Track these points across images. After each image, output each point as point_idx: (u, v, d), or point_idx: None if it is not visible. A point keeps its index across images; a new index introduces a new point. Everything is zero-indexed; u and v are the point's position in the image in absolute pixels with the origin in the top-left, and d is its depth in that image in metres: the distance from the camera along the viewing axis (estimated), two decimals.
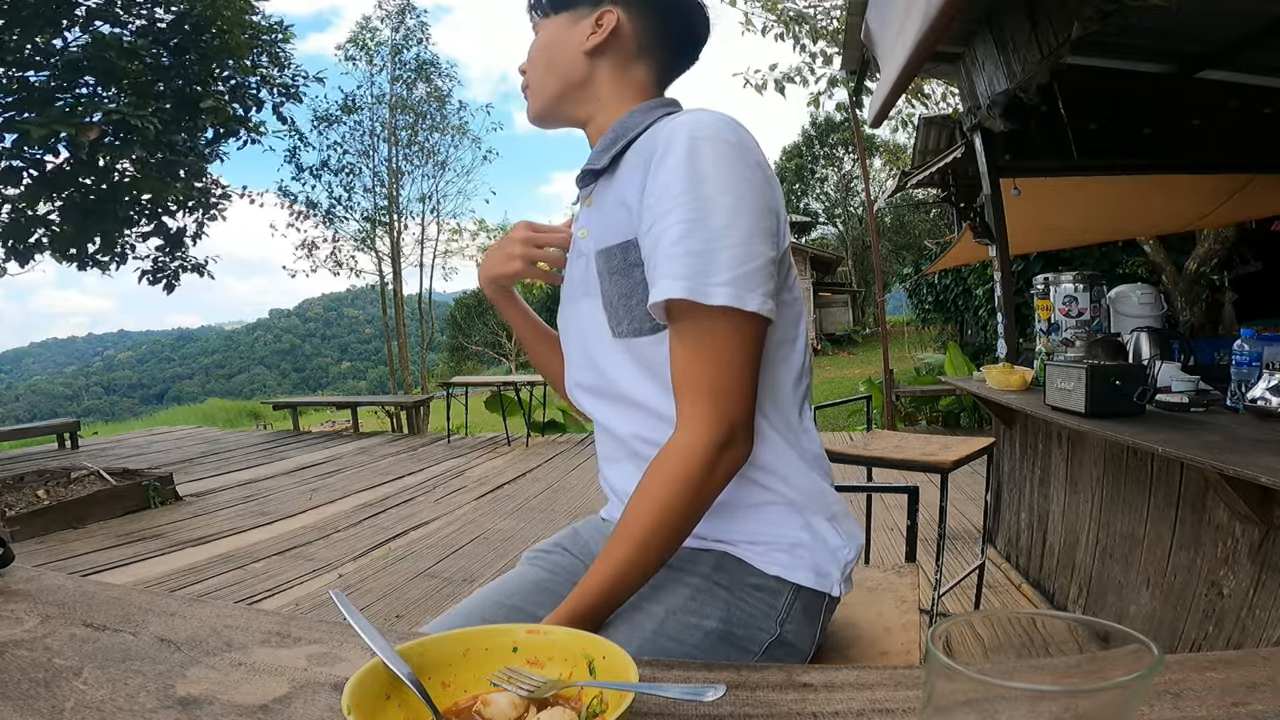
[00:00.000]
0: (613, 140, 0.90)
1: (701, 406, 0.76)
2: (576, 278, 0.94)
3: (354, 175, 16.52)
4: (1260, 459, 1.32)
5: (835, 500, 0.90)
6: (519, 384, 8.26)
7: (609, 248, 0.86)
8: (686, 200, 0.76)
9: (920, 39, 2.11)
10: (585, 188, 0.95)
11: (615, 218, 0.86)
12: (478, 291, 19.37)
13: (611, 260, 0.86)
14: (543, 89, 0.97)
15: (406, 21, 16.82)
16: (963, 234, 4.52)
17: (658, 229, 0.78)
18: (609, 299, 0.87)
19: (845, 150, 19.86)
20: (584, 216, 0.94)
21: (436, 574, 3.59)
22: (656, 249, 0.78)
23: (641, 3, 0.93)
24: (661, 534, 0.77)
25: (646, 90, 0.95)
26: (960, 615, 0.41)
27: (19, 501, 4.70)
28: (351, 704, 0.49)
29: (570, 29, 0.94)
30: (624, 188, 0.86)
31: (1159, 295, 2.77)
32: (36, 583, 0.83)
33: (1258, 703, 0.51)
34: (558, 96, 0.96)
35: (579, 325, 0.94)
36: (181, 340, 76.93)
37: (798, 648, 0.86)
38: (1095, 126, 3.29)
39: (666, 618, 0.80)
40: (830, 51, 5.91)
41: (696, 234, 0.75)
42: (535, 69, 0.97)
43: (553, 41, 0.95)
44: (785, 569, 0.85)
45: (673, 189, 0.77)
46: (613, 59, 0.94)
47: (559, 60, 0.95)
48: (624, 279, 0.85)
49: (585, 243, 0.91)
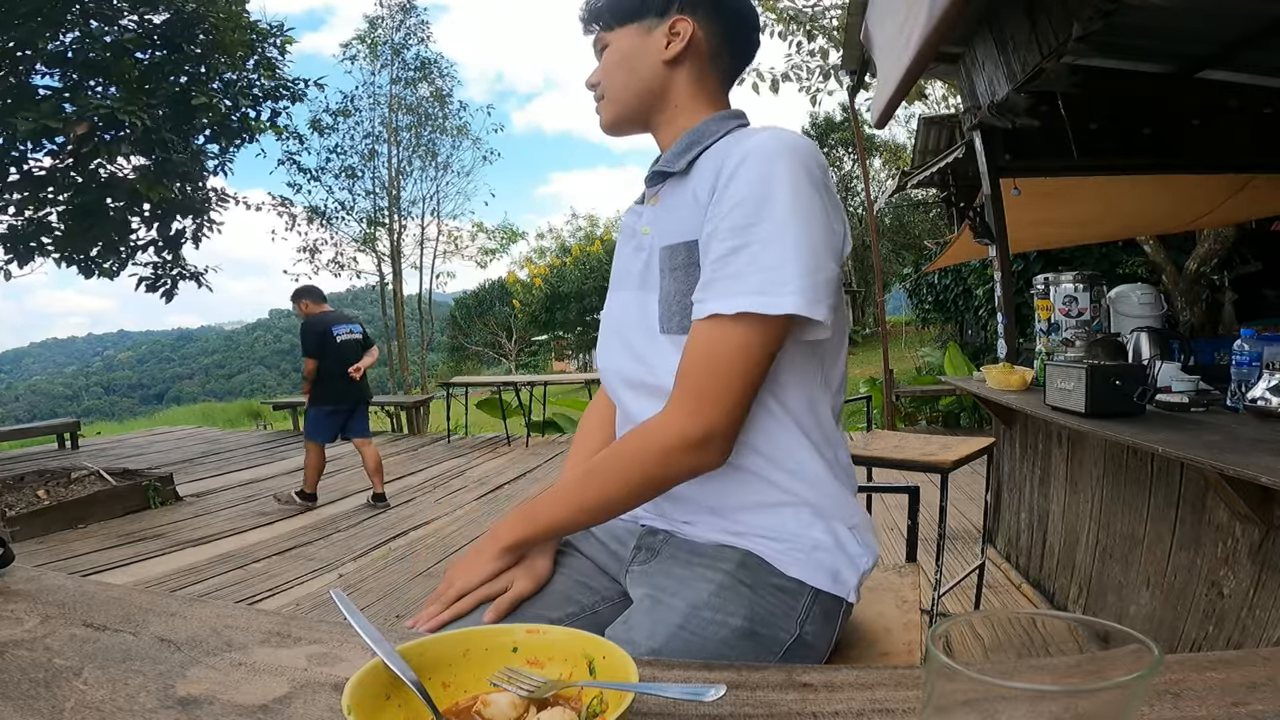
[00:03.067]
0: (688, 145, 0.93)
1: (689, 401, 0.80)
2: (635, 271, 0.96)
3: (355, 178, 16.52)
4: (1260, 459, 1.32)
5: (858, 510, 0.93)
6: (519, 384, 8.25)
7: (674, 245, 0.89)
8: (759, 215, 0.79)
9: (924, 40, 2.11)
10: (653, 187, 0.98)
11: (683, 217, 0.89)
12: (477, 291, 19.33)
13: (675, 257, 0.89)
14: (622, 99, 0.98)
15: (407, 21, 16.82)
16: (961, 232, 4.52)
17: (724, 240, 0.81)
18: (667, 295, 0.90)
19: (845, 150, 19.85)
20: (648, 214, 0.97)
21: (436, 574, 3.59)
22: (721, 259, 0.81)
23: (710, 11, 0.96)
24: (601, 487, 0.85)
25: (718, 97, 0.98)
26: (960, 615, 0.41)
27: (19, 501, 4.71)
28: (351, 704, 0.49)
29: (644, 39, 0.95)
30: (695, 190, 0.88)
31: (1159, 295, 2.77)
32: (36, 583, 0.83)
33: (1258, 703, 0.51)
34: (638, 106, 0.98)
35: (626, 316, 0.97)
36: (181, 340, 76.87)
37: (816, 649, 0.87)
38: (1095, 126, 3.29)
39: (691, 613, 0.81)
40: (829, 49, 5.91)
41: (769, 251, 0.78)
42: (614, 80, 0.98)
43: (631, 52, 0.96)
44: (805, 572, 0.86)
45: (746, 204, 0.80)
46: (689, 67, 0.96)
47: (640, 70, 0.96)
48: (684, 276, 0.88)
49: (648, 239, 0.95)
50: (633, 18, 0.96)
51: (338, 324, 4.84)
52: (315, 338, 4.76)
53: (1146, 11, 2.29)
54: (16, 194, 6.68)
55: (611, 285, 1.03)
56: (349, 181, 16.45)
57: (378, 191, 16.90)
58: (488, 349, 19.58)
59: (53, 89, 6.57)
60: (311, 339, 4.78)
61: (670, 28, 0.94)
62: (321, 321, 4.82)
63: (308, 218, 16.17)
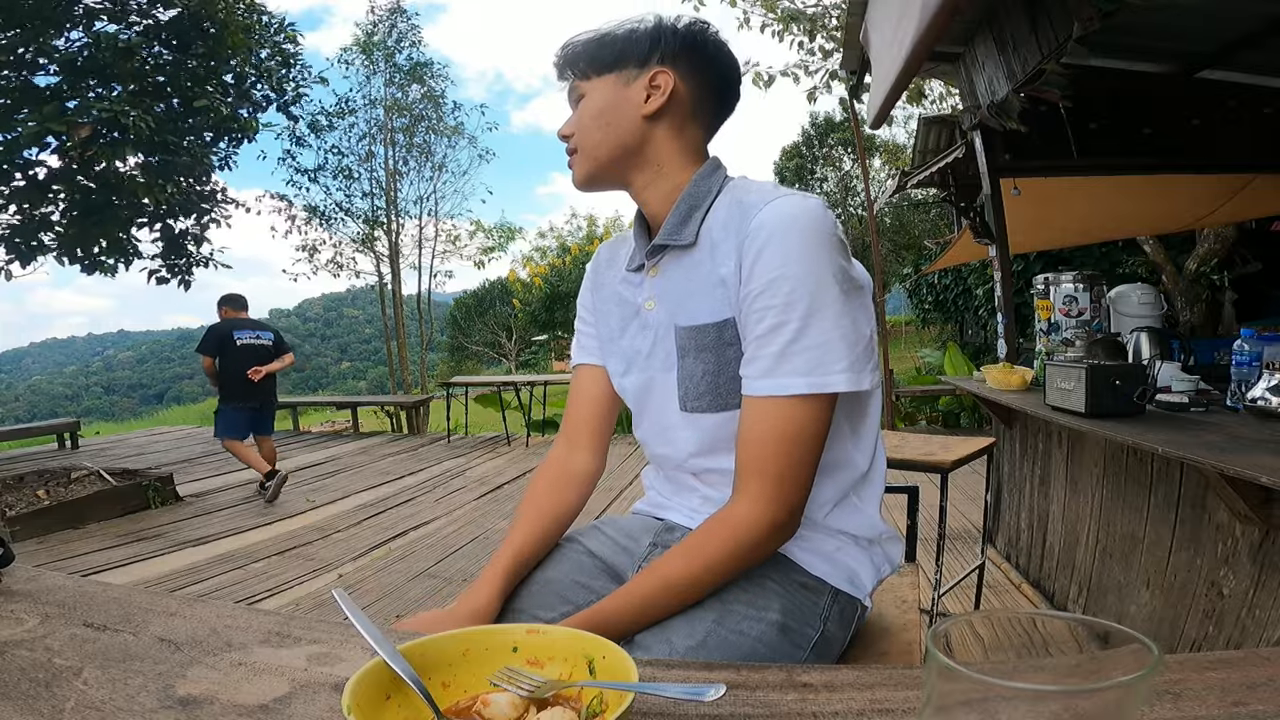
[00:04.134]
0: (688, 212, 0.89)
1: (768, 487, 0.79)
2: (642, 350, 0.94)
3: (352, 179, 16.53)
4: (1260, 459, 1.32)
5: (884, 525, 0.96)
6: (519, 384, 8.25)
7: (700, 326, 0.86)
8: (797, 294, 0.79)
9: (918, 39, 2.11)
10: (653, 258, 0.93)
11: (703, 295, 0.86)
12: (477, 291, 19.30)
13: (703, 337, 0.86)
14: (596, 154, 0.92)
15: (398, 24, 16.83)
16: (962, 233, 4.51)
17: (765, 319, 0.80)
18: (689, 375, 0.88)
19: (845, 150, 19.84)
20: (649, 286, 0.93)
21: (436, 574, 3.58)
22: (764, 338, 0.80)
23: (691, 64, 0.91)
24: (694, 586, 0.81)
25: (700, 152, 0.94)
26: (960, 615, 0.41)
27: (19, 501, 4.71)
28: (351, 704, 0.49)
29: (622, 91, 0.90)
30: (715, 264, 0.85)
31: (1159, 295, 2.77)
32: (36, 583, 0.83)
33: (1258, 703, 0.51)
34: (612, 161, 0.92)
35: (649, 395, 0.95)
36: (181, 340, 76.78)
37: (834, 649, 0.89)
38: (1095, 126, 3.29)
39: (725, 610, 0.82)
40: (830, 48, 5.91)
41: (814, 327, 0.78)
42: (587, 133, 0.92)
43: (607, 105, 0.90)
44: (826, 571, 0.89)
45: (781, 283, 0.79)
46: (669, 121, 0.91)
47: (616, 124, 0.91)
48: (714, 356, 0.86)
49: (654, 315, 0.92)
50: (611, 68, 0.90)
51: (242, 329, 5.29)
52: (214, 339, 5.25)
53: (1147, 11, 2.29)
54: (19, 194, 6.68)
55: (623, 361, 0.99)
56: (346, 183, 16.47)
57: (375, 192, 16.91)
58: (487, 349, 19.57)
59: (55, 89, 6.57)
60: (210, 340, 5.26)
61: (650, 80, 0.89)
62: (226, 325, 5.28)
63: (306, 219, 16.21)
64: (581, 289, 1.11)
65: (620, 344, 0.99)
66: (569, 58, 0.93)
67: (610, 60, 0.91)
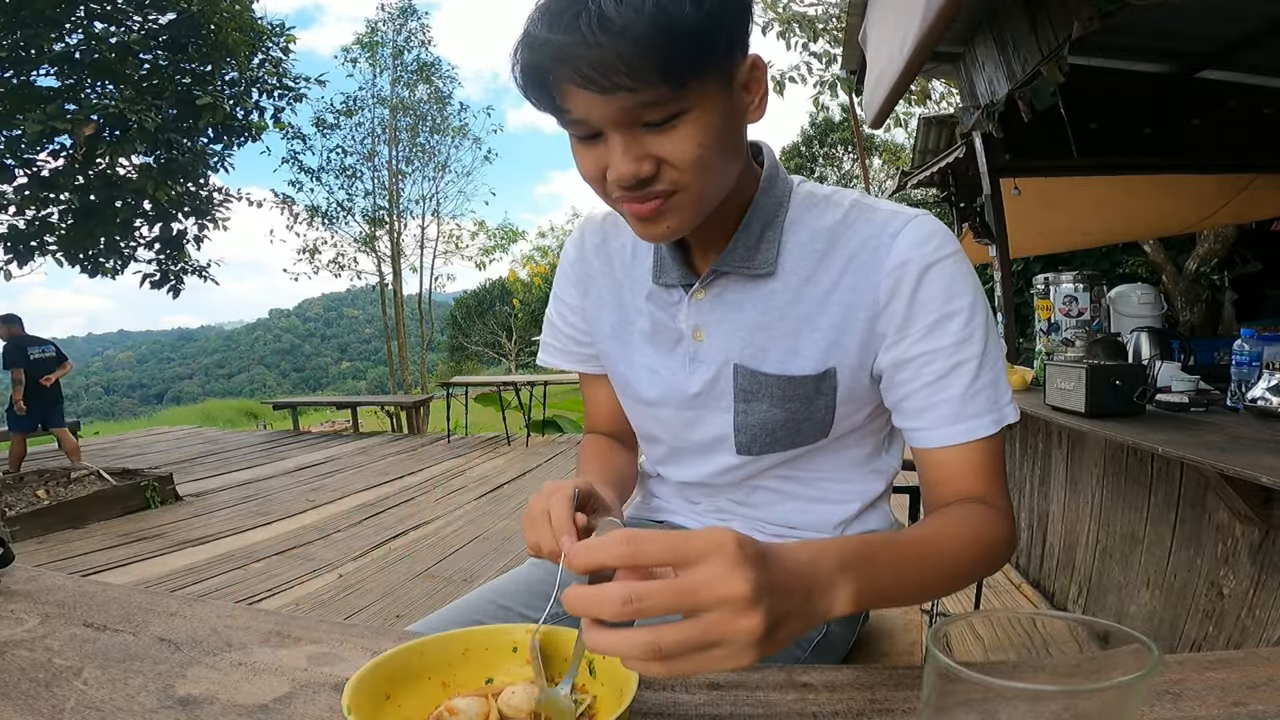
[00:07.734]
0: (760, 233, 0.75)
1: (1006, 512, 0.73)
2: (688, 388, 0.81)
3: (355, 178, 16.54)
4: (1260, 459, 1.32)
5: (893, 522, 0.94)
6: (519, 384, 8.25)
7: (792, 377, 0.76)
8: (967, 330, 0.72)
9: (920, 39, 2.11)
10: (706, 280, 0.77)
11: (789, 337, 0.75)
12: (477, 291, 19.36)
13: (792, 389, 0.76)
14: (715, 193, 0.68)
15: (409, 24, 16.84)
16: (963, 236, 4.51)
17: (935, 362, 0.73)
18: (757, 421, 0.79)
19: (845, 150, 19.84)
20: (694, 311, 0.78)
21: (436, 574, 3.59)
22: (939, 382, 0.73)
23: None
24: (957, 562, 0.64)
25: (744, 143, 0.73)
26: (960, 615, 0.41)
27: (19, 501, 4.71)
28: (351, 704, 0.49)
29: (730, 96, 0.64)
30: (808, 303, 0.74)
31: (1159, 295, 2.77)
32: (36, 583, 0.83)
33: (1258, 703, 0.51)
34: (719, 196, 0.69)
35: (690, 432, 0.85)
36: (181, 340, 76.90)
37: (835, 650, 0.88)
38: (1095, 126, 3.29)
39: None
40: (834, 52, 5.91)
41: (987, 363, 0.73)
42: (708, 169, 0.64)
43: (726, 119, 0.64)
44: None
45: (949, 324, 0.71)
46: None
47: (738, 146, 0.68)
48: (801, 406, 0.77)
49: (703, 347, 0.79)
50: (718, 63, 0.61)
51: (33, 345, 6.10)
52: (20, 353, 5.96)
53: (1146, 11, 2.29)
54: (20, 194, 6.70)
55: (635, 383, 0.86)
56: (349, 182, 16.48)
57: (377, 191, 16.92)
58: (487, 349, 19.57)
59: (57, 89, 6.58)
60: (18, 355, 5.97)
61: (751, 68, 0.66)
62: (21, 342, 6.04)
63: (309, 218, 16.21)
64: (560, 278, 0.93)
65: (637, 363, 0.85)
66: (644, 53, 0.56)
67: (718, 49, 0.60)
